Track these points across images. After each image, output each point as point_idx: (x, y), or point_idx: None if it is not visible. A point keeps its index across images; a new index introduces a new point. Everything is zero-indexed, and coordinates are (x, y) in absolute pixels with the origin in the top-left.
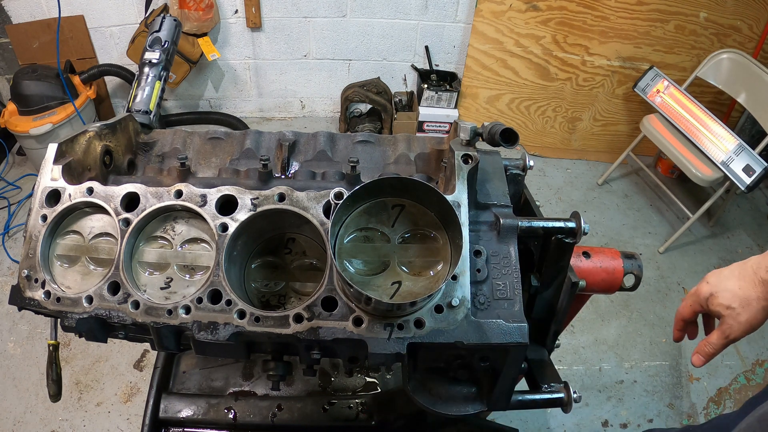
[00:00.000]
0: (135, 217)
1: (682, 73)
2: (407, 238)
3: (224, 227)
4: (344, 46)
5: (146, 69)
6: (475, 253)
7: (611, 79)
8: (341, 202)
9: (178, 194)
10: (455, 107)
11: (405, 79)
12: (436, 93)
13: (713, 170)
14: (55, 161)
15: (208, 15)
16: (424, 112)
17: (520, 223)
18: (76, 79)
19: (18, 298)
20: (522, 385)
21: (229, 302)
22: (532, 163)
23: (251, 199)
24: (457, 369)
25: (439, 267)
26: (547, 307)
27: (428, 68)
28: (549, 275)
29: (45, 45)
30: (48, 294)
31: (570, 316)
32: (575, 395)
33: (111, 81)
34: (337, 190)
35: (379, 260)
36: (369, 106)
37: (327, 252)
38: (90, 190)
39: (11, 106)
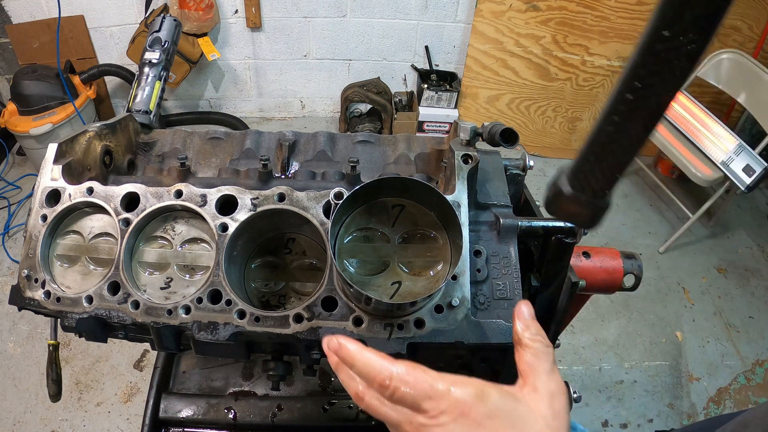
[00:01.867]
0: (135, 217)
1: None
2: (407, 238)
3: (224, 227)
4: (344, 46)
5: (146, 69)
6: (475, 253)
7: (611, 79)
8: (341, 202)
9: (178, 194)
10: (455, 107)
11: (405, 79)
12: (436, 93)
13: (713, 170)
14: (55, 161)
15: (208, 15)
16: (424, 112)
17: (520, 223)
18: (76, 79)
19: (18, 298)
20: None
21: (229, 302)
22: (532, 163)
23: (251, 199)
24: (457, 369)
25: (439, 267)
26: (547, 307)
27: (428, 68)
28: (549, 275)
29: (45, 45)
30: (48, 294)
31: (570, 316)
32: (575, 395)
33: (111, 81)
34: (337, 189)
35: (379, 260)
36: (369, 106)
37: (327, 252)
38: (90, 190)
39: (11, 106)
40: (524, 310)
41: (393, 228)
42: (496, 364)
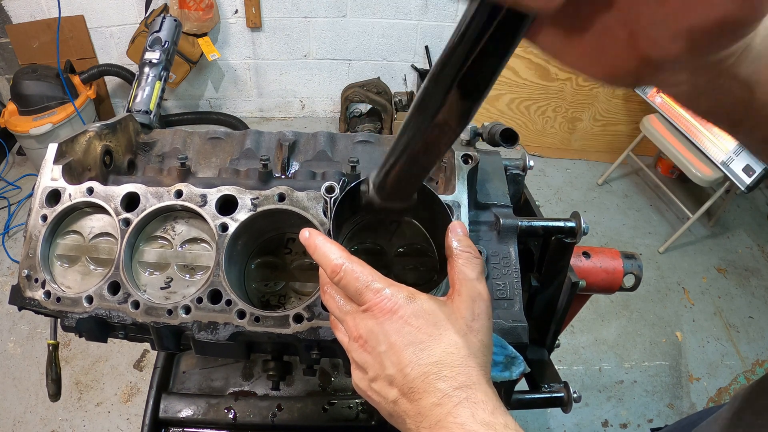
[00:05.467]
0: (135, 217)
1: None
2: (403, 252)
3: (224, 227)
4: (344, 46)
5: (146, 69)
6: None
7: None
8: (332, 196)
9: (178, 194)
10: None
11: (405, 79)
12: None
13: (713, 170)
14: (55, 161)
15: (208, 15)
16: None
17: (520, 223)
18: (76, 79)
19: (18, 298)
20: (522, 385)
21: (229, 302)
22: (532, 163)
23: (251, 199)
24: None
25: (432, 278)
26: (547, 307)
27: (428, 68)
28: (549, 275)
29: (45, 45)
30: (48, 294)
31: (570, 316)
32: (575, 395)
33: (111, 81)
34: (327, 183)
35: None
36: (369, 106)
37: None
38: (90, 190)
39: (11, 106)
40: (458, 228)
41: (390, 242)
42: None
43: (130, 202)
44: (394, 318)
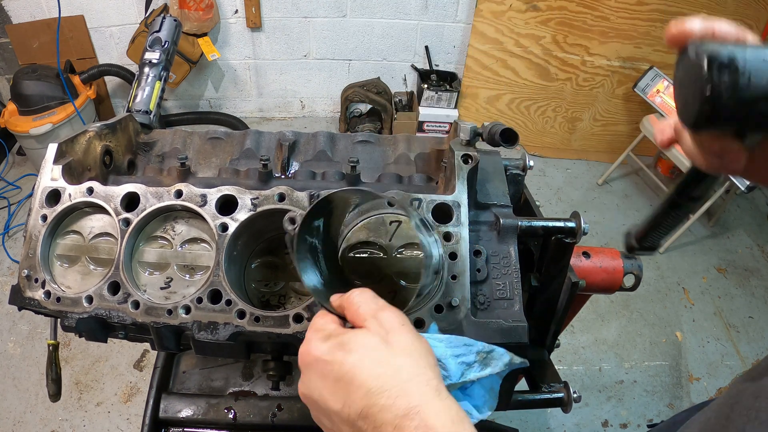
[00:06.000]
0: (135, 217)
1: None
2: (402, 252)
3: (224, 227)
4: (344, 46)
5: (146, 69)
6: (475, 253)
7: (611, 79)
8: (299, 227)
9: (178, 194)
10: (455, 107)
11: (405, 79)
12: (436, 93)
13: None
14: (55, 161)
15: (208, 15)
16: (424, 112)
17: (520, 223)
18: (76, 79)
19: (18, 298)
20: (522, 385)
21: (229, 302)
22: (532, 163)
23: (251, 199)
24: None
25: None
26: (547, 307)
27: (428, 68)
28: (549, 275)
29: (45, 45)
30: (48, 294)
31: (570, 316)
32: (575, 395)
33: (111, 81)
34: (289, 215)
35: (378, 271)
36: (369, 106)
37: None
38: (90, 190)
39: (11, 106)
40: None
41: (390, 242)
42: None
43: (130, 202)
44: (314, 363)
